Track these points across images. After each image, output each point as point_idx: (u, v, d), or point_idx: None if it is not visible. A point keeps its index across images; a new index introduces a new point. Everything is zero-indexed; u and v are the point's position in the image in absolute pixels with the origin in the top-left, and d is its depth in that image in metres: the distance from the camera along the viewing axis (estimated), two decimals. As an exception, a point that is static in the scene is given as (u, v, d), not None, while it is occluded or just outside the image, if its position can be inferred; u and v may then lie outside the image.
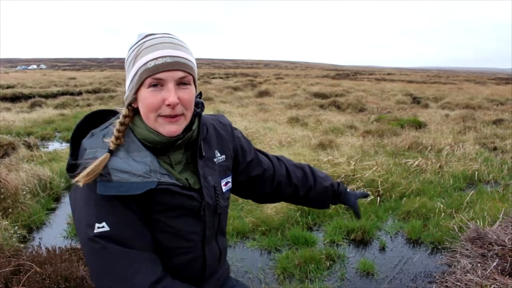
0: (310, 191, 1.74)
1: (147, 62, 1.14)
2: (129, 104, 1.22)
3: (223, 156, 1.43)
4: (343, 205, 1.90)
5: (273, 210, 4.73)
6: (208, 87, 22.90)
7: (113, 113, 1.31)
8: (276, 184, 1.66)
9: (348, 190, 1.87)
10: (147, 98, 1.16)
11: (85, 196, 1.17)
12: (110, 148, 1.17)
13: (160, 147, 1.23)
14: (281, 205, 4.79)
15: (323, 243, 4.23)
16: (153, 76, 1.14)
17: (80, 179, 1.13)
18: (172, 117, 1.18)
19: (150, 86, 1.15)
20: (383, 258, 4.02)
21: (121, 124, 1.20)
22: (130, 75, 1.18)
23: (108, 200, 1.15)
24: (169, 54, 1.16)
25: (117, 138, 1.18)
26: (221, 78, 34.08)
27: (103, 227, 1.14)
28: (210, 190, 1.32)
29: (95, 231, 1.14)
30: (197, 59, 1.22)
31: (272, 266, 3.80)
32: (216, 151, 1.40)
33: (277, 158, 1.72)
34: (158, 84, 1.15)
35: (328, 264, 3.79)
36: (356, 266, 3.80)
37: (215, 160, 1.39)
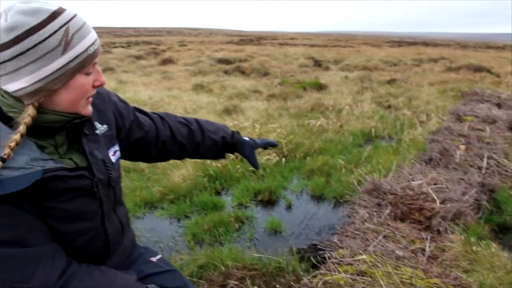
0: (199, 146, 1.70)
1: (87, 48, 1.08)
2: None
3: (105, 126, 1.34)
4: (248, 168, 1.88)
5: (181, 177, 4.69)
6: (109, 56, 21.79)
7: None
8: (161, 144, 1.61)
9: (247, 139, 1.82)
10: (85, 84, 1.12)
11: None
12: (4, 156, 1.01)
13: (43, 131, 1.13)
14: (188, 172, 4.76)
15: (231, 206, 4.28)
16: (93, 61, 1.12)
17: None
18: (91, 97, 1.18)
19: (87, 72, 1.11)
20: (289, 215, 4.16)
21: (27, 126, 1.05)
22: (59, 63, 1.04)
23: None
24: (95, 36, 1.13)
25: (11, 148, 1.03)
26: (122, 47, 32.48)
27: None
28: (99, 165, 1.25)
29: None
30: (96, 28, 1.14)
31: (182, 233, 3.78)
32: (96, 123, 1.31)
33: (161, 117, 1.64)
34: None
35: (237, 226, 3.84)
36: (264, 225, 3.90)
37: (97, 132, 1.30)
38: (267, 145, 1.89)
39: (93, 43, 1.10)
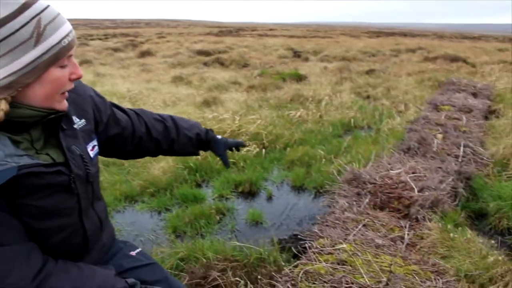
0: (174, 143, 1.71)
1: (61, 40, 1.05)
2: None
3: (83, 120, 1.32)
4: (229, 159, 1.90)
5: (161, 170, 4.66)
6: (86, 49, 21.44)
7: None
8: (137, 141, 1.60)
9: (219, 137, 1.85)
10: (60, 77, 1.09)
11: None
12: None
13: (17, 126, 1.10)
14: (168, 165, 4.74)
15: (212, 198, 4.27)
16: (68, 54, 1.08)
17: None
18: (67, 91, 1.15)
19: (62, 64, 1.08)
20: (270, 206, 4.17)
21: (0, 121, 1.03)
22: (31, 56, 1.02)
23: None
24: (70, 27, 1.09)
25: None
26: (99, 39, 32.02)
27: None
28: (77, 160, 1.22)
29: None
30: (72, 20, 1.11)
31: (163, 226, 3.77)
32: (74, 117, 1.28)
33: (136, 113, 1.63)
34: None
35: (218, 218, 3.84)
36: (246, 217, 3.90)
37: (75, 126, 1.27)
38: (237, 146, 1.92)
39: (67, 35, 1.07)
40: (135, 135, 1.59)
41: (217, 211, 3.92)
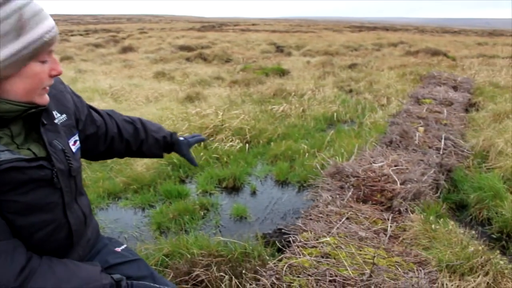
0: (142, 145, 1.74)
1: (43, 35, 1.04)
2: None
3: (64, 115, 1.32)
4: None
5: (144, 167, 4.63)
6: (66, 45, 21.12)
7: None
8: (109, 141, 1.61)
9: (182, 139, 1.89)
10: (40, 72, 1.08)
11: None
12: None
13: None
14: (152, 161, 4.71)
15: (196, 194, 4.25)
16: (49, 49, 1.08)
17: None
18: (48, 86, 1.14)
19: (42, 60, 1.08)
20: (254, 201, 4.18)
21: None
22: (12, 49, 1.01)
23: None
24: (53, 23, 1.09)
25: None
26: (80, 35, 31.64)
27: None
28: (59, 155, 1.22)
29: None
30: (52, 15, 1.11)
31: (147, 222, 3.75)
32: (55, 112, 1.28)
33: (108, 114, 1.65)
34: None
35: (202, 214, 3.84)
36: (230, 212, 3.90)
37: (56, 121, 1.27)
38: (198, 142, 1.98)
39: (49, 30, 1.07)
40: (107, 136, 1.60)
41: (201, 207, 3.92)
